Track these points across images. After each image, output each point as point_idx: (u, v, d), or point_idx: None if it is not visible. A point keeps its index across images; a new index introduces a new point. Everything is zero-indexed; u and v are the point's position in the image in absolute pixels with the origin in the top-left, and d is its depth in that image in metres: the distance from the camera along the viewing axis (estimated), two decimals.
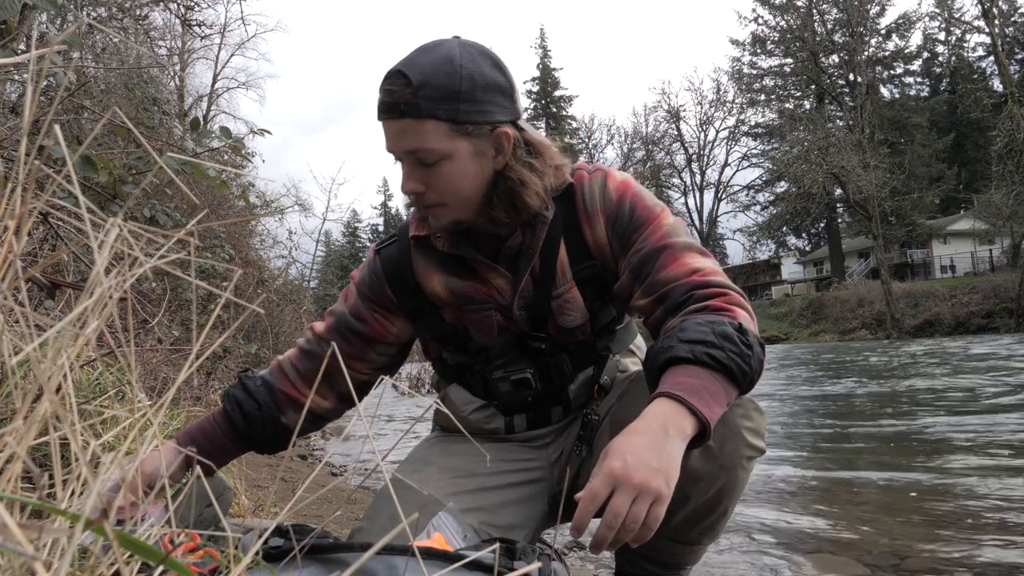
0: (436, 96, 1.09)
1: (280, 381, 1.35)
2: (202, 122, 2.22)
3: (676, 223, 1.23)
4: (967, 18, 35.60)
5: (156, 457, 1.19)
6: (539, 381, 1.30)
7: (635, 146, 45.03)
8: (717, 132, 44.54)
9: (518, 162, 1.18)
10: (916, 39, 41.14)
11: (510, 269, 1.27)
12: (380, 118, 1.14)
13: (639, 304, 1.21)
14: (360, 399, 1.39)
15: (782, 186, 37.71)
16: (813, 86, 37.93)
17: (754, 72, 41.28)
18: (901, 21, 38.02)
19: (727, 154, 45.49)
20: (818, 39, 36.03)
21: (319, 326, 1.40)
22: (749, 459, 1.17)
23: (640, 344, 1.47)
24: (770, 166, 39.79)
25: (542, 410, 1.37)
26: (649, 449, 0.91)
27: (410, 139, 1.11)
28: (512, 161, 1.18)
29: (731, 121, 44.26)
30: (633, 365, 1.42)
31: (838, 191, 33.51)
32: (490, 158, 1.17)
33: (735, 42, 41.37)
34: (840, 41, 36.00)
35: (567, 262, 1.27)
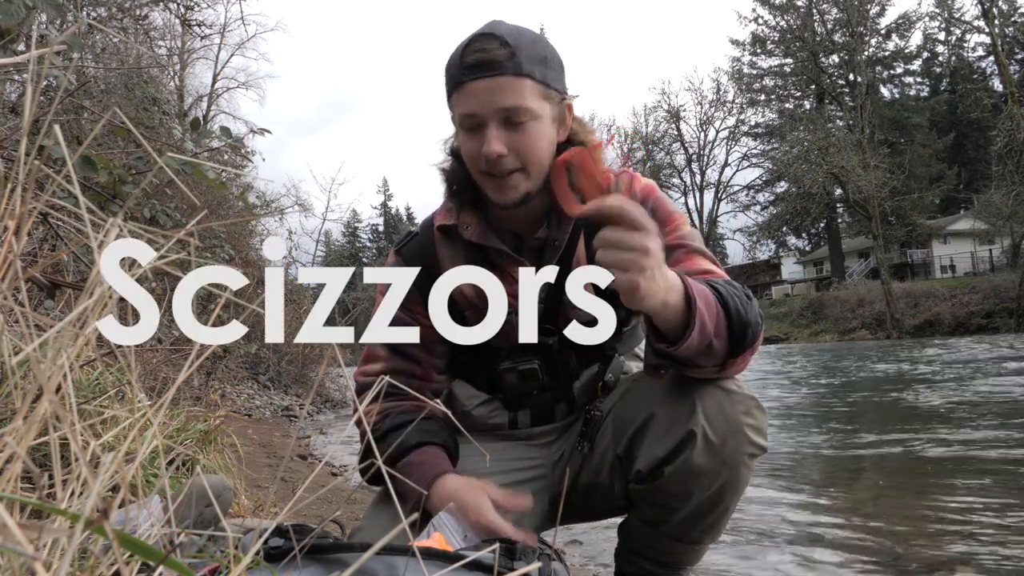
0: (531, 57, 1.14)
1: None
2: (202, 122, 2.21)
3: (694, 232, 1.27)
4: (967, 18, 35.59)
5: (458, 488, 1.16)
6: (545, 374, 1.32)
7: (635, 146, 45.01)
8: (717, 132, 44.56)
9: (582, 130, 1.26)
10: (916, 39, 41.06)
11: (534, 262, 1.29)
12: (470, 78, 1.14)
13: None
14: None
15: (782, 186, 37.71)
16: (813, 86, 37.91)
17: (754, 72, 41.28)
18: (901, 21, 38.00)
19: (727, 154, 45.46)
20: (818, 39, 36.01)
21: (372, 367, 1.34)
22: (751, 456, 1.18)
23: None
24: (770, 166, 39.77)
25: (546, 406, 1.37)
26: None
27: (508, 96, 1.13)
28: (577, 128, 1.26)
29: (731, 121, 44.28)
30: (636, 369, 1.42)
31: (838, 191, 33.50)
32: (557, 127, 1.22)
33: (735, 42, 41.38)
34: (840, 41, 35.99)
35: (584, 256, 1.29)
